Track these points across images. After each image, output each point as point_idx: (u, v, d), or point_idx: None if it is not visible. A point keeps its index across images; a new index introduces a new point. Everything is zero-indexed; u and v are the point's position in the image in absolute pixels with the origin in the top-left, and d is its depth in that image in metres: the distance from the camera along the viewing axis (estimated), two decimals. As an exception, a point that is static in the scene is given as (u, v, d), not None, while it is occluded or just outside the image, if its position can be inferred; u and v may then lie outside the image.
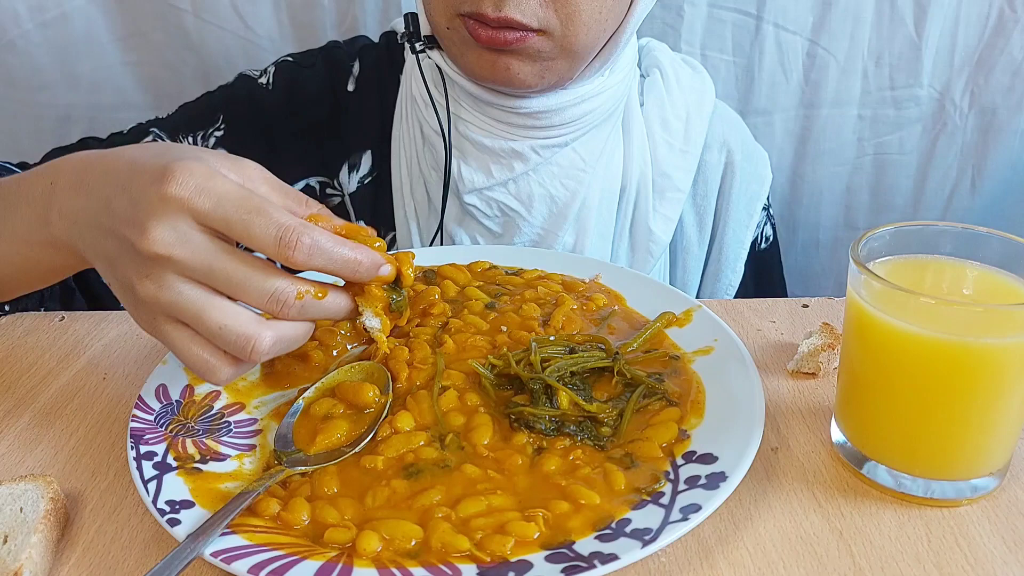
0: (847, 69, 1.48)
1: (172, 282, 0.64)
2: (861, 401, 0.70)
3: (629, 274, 0.94)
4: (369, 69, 1.18)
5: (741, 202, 1.22)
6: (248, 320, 0.65)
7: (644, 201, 1.14)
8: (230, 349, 0.65)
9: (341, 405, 0.74)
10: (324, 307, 0.68)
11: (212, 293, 0.64)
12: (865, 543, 0.64)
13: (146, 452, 0.68)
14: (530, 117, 1.05)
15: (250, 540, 0.60)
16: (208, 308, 0.64)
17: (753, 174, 1.23)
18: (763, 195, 1.24)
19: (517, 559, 0.59)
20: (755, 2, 1.44)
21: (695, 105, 1.18)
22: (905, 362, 0.65)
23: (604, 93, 1.08)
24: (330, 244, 0.65)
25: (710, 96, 1.21)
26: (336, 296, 0.69)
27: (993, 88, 1.48)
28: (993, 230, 0.69)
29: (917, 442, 0.67)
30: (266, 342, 0.65)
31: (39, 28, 1.40)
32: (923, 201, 1.57)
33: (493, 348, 0.81)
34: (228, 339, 0.64)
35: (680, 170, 1.16)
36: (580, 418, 0.72)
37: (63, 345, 0.89)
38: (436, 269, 0.94)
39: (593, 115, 1.08)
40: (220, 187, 0.63)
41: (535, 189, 1.09)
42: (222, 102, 1.17)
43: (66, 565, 0.63)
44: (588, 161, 1.10)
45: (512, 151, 1.07)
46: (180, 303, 0.64)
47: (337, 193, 1.16)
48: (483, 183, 1.08)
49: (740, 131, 1.26)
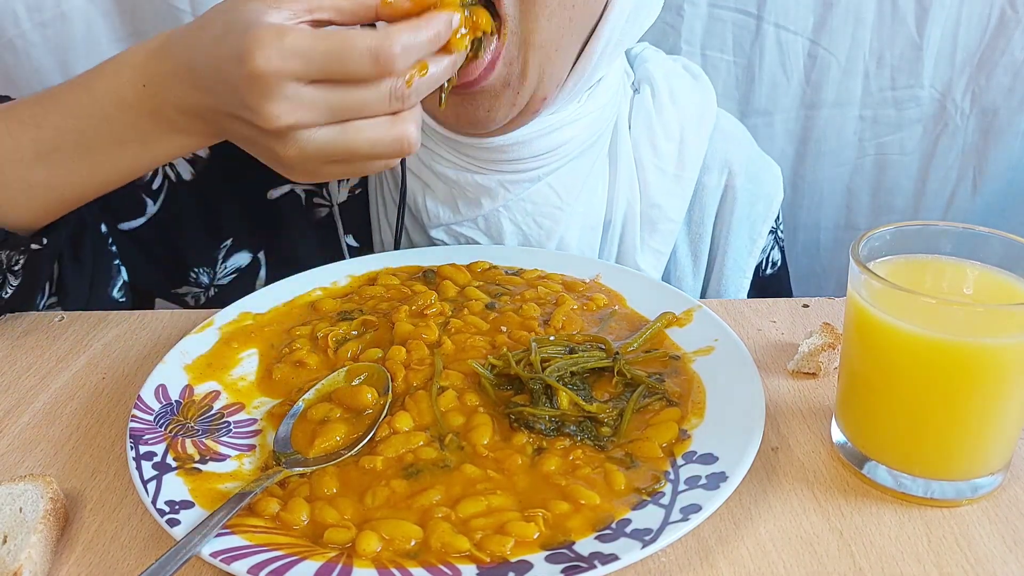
0: (848, 69, 1.48)
1: (307, 139, 0.70)
2: (861, 401, 0.70)
3: (629, 274, 0.94)
4: None
5: (743, 227, 1.12)
6: (388, 125, 0.71)
7: (631, 236, 1.05)
8: (389, 155, 0.72)
9: (339, 409, 0.74)
10: (431, 78, 0.72)
11: (344, 124, 0.70)
12: (865, 543, 0.64)
13: (146, 452, 0.68)
14: (497, 151, 0.96)
15: (249, 540, 0.60)
16: (352, 140, 0.70)
17: (758, 194, 1.12)
18: (770, 218, 1.13)
19: (517, 559, 0.59)
20: (755, 2, 1.43)
21: (692, 122, 1.08)
22: (905, 362, 0.65)
23: (581, 121, 0.98)
24: (414, 38, 0.69)
25: (711, 110, 1.10)
26: (435, 64, 0.72)
27: (994, 89, 1.48)
28: (993, 230, 0.69)
29: (917, 442, 0.67)
30: (413, 133, 0.72)
31: (37, 28, 1.40)
32: (924, 202, 1.57)
33: (492, 348, 0.81)
34: (383, 150, 0.71)
35: (673, 197, 1.06)
36: (580, 418, 0.72)
37: (63, 345, 0.89)
38: (436, 269, 0.94)
39: (569, 146, 0.98)
40: (297, 43, 0.66)
41: (505, 226, 1.01)
42: None
43: (66, 565, 0.63)
44: (565, 198, 1.00)
45: (478, 185, 0.98)
46: (326, 150, 0.70)
47: (325, 203, 1.10)
48: (449, 219, 1.01)
49: (744, 147, 1.16)
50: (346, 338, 0.83)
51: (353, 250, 1.09)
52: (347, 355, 0.81)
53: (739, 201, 1.11)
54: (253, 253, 1.12)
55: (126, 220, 1.06)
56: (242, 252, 1.11)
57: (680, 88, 1.10)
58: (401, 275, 0.94)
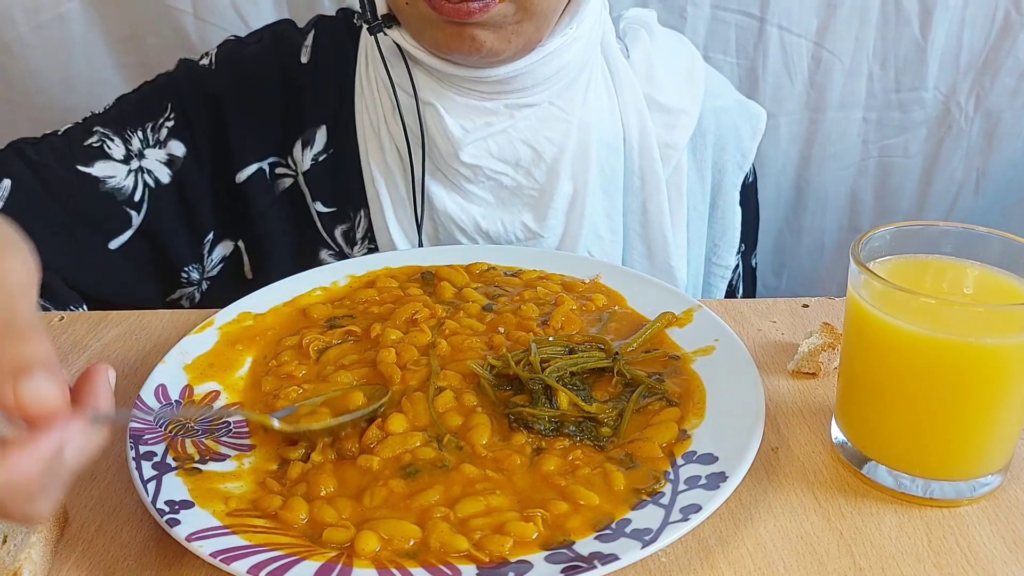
0: (852, 72, 1.48)
1: None
2: (861, 401, 0.70)
3: (629, 274, 0.94)
4: (325, 39, 1.12)
5: (736, 149, 1.18)
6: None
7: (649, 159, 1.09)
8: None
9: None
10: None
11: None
12: (865, 543, 0.63)
13: (145, 452, 0.68)
14: (499, 83, 1.01)
15: (249, 540, 0.61)
16: None
17: (746, 115, 1.19)
18: (757, 136, 1.19)
19: (517, 559, 0.59)
20: (759, 4, 1.43)
21: (686, 60, 1.16)
22: (905, 362, 0.65)
23: (574, 45, 1.02)
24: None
25: (699, 58, 1.18)
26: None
27: (999, 91, 1.47)
28: (993, 230, 0.69)
29: (917, 442, 0.67)
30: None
31: (35, 30, 1.40)
32: (928, 204, 1.57)
33: (489, 349, 0.81)
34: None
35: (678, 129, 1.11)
36: (579, 419, 0.71)
37: (63, 345, 0.89)
38: (434, 270, 0.94)
39: (565, 71, 1.03)
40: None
41: (519, 148, 1.04)
42: (168, 90, 1.10)
43: (65, 565, 0.63)
44: (569, 111, 1.05)
45: (484, 109, 1.02)
46: None
47: (290, 173, 1.10)
48: (460, 135, 1.02)
49: (726, 84, 1.23)
50: (328, 346, 0.83)
51: (324, 216, 1.09)
52: (329, 362, 0.81)
53: (731, 125, 1.17)
54: (233, 241, 1.13)
55: (114, 236, 1.05)
56: (225, 241, 1.13)
57: (669, 35, 1.18)
58: (400, 277, 0.94)
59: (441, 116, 1.01)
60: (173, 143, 1.08)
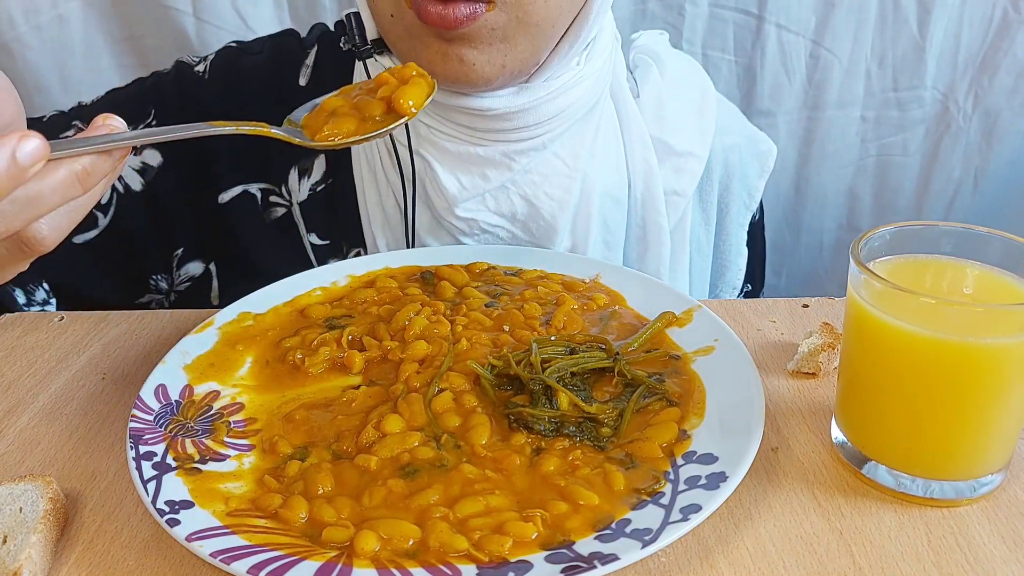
0: (850, 70, 1.48)
1: None
2: (861, 401, 0.70)
3: (629, 274, 0.94)
4: (326, 60, 1.06)
5: (742, 187, 1.14)
6: None
7: (653, 211, 1.05)
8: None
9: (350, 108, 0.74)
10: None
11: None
12: (865, 543, 0.63)
13: (145, 452, 0.68)
14: (499, 119, 0.94)
15: (249, 540, 0.60)
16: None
17: (753, 153, 1.15)
18: (765, 174, 1.15)
19: (517, 559, 0.59)
20: (757, 2, 1.43)
21: (697, 95, 1.10)
22: (905, 362, 0.65)
23: (582, 84, 0.96)
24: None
25: (711, 90, 1.12)
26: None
27: (997, 90, 1.48)
28: (993, 230, 0.69)
29: (917, 442, 0.67)
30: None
31: (34, 31, 1.40)
32: (926, 203, 1.57)
33: (494, 348, 0.81)
34: None
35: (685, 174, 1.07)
36: (579, 419, 0.71)
37: (63, 345, 0.89)
38: (434, 270, 0.94)
39: (571, 110, 0.96)
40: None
41: (516, 203, 0.99)
42: (154, 93, 1.07)
43: (65, 565, 0.63)
44: (573, 165, 0.99)
45: (480, 158, 0.96)
46: None
47: (284, 203, 1.05)
48: (457, 193, 0.97)
49: (737, 115, 1.19)
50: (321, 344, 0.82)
51: (318, 248, 1.05)
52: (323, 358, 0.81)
53: (739, 163, 1.13)
54: (205, 263, 1.09)
55: (80, 233, 1.02)
56: (194, 262, 1.09)
57: (682, 66, 1.12)
58: (400, 277, 0.94)
59: (435, 171, 0.97)
60: (149, 151, 1.05)
